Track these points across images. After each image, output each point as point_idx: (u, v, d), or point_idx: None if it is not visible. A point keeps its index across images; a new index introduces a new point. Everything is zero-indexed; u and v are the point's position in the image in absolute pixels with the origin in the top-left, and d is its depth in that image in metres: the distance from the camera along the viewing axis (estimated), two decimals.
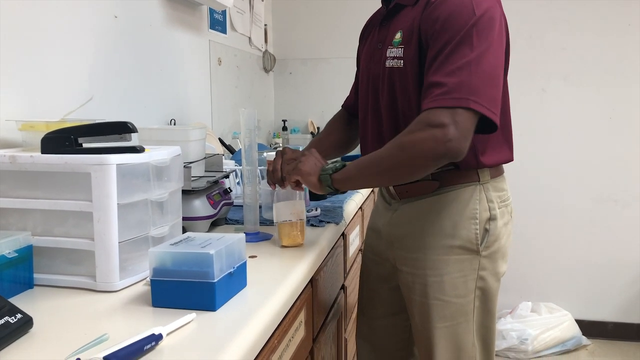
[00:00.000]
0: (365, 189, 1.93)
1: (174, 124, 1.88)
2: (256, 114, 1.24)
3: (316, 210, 1.44)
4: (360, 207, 1.84)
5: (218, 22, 2.37)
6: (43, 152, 0.93)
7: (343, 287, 1.59)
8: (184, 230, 1.14)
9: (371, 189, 2.06)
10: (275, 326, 0.85)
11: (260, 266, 1.04)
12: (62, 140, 0.93)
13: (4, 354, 0.68)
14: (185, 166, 1.20)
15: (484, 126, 1.04)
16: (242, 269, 0.90)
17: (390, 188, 1.27)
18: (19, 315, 0.73)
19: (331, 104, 2.52)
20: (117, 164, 0.88)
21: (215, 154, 1.56)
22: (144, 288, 0.91)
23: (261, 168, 1.45)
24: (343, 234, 1.52)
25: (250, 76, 2.82)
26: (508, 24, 1.15)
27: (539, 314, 2.89)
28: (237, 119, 2.37)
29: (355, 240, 1.77)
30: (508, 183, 1.26)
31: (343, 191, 1.15)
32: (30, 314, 0.75)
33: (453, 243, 1.17)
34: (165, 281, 0.82)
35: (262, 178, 1.48)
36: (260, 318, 0.80)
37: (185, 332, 0.74)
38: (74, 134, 0.94)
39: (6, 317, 0.71)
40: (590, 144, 2.91)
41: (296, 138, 3.06)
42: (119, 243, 0.90)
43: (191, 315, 0.78)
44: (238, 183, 1.64)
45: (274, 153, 1.26)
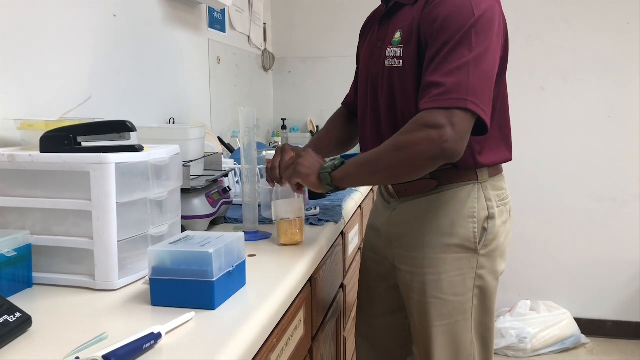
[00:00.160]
0: (364, 188, 1.93)
1: (173, 123, 1.88)
2: (255, 113, 1.24)
3: (315, 209, 1.44)
4: (360, 206, 1.84)
5: (217, 21, 2.37)
6: (42, 151, 0.93)
7: (342, 286, 1.59)
8: (183, 229, 1.14)
9: (370, 188, 2.07)
10: (274, 325, 0.86)
11: (260, 265, 1.04)
12: (61, 139, 0.93)
13: (3, 353, 0.68)
14: (184, 165, 1.20)
15: (476, 127, 1.04)
16: (241, 268, 0.90)
17: (389, 187, 1.27)
18: (17, 314, 0.73)
19: (330, 102, 2.52)
20: (116, 163, 0.88)
21: (214, 153, 1.57)
22: (143, 287, 0.91)
23: (260, 167, 1.44)
24: (342, 233, 1.52)
25: (249, 75, 2.82)
26: (507, 22, 1.15)
27: (538, 313, 2.89)
28: (236, 117, 2.38)
29: (354, 239, 1.77)
30: (507, 181, 1.27)
31: (343, 188, 1.15)
32: (29, 313, 0.75)
33: (451, 242, 1.17)
34: (165, 280, 0.82)
35: (261, 177, 1.48)
36: (259, 317, 0.80)
37: (184, 331, 0.74)
38: (73, 132, 0.94)
39: (5, 316, 0.71)
40: (589, 143, 2.92)
41: (295, 137, 3.06)
42: (118, 242, 0.90)
43: (190, 314, 0.78)
44: (237, 182, 1.64)
45: (273, 152, 1.26)
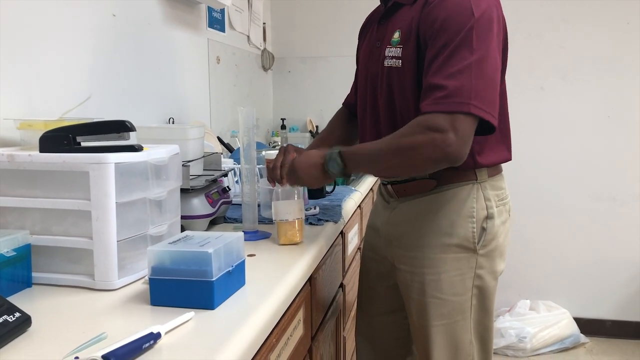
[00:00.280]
0: (364, 187, 1.93)
1: (173, 123, 1.88)
2: (255, 113, 1.24)
3: (315, 208, 1.44)
4: (359, 206, 1.84)
5: (217, 21, 2.37)
6: (41, 151, 0.93)
7: (342, 286, 1.59)
8: (183, 229, 1.14)
9: (370, 188, 2.07)
10: (274, 324, 0.86)
11: (259, 265, 1.04)
12: (61, 139, 0.93)
13: (3, 352, 0.68)
14: (183, 165, 1.20)
15: (482, 128, 1.04)
16: (241, 268, 0.90)
17: (388, 187, 1.27)
18: (17, 314, 0.73)
19: (330, 102, 2.53)
20: (116, 163, 0.88)
21: (213, 153, 1.57)
22: (142, 287, 0.91)
23: (260, 167, 1.44)
24: (342, 233, 1.52)
25: (248, 75, 2.82)
26: (507, 22, 1.15)
27: (537, 312, 2.89)
28: (236, 117, 2.37)
29: (353, 239, 1.77)
30: (506, 181, 1.27)
31: (348, 175, 1.14)
32: (28, 313, 0.75)
33: (450, 241, 1.17)
34: (164, 280, 0.82)
35: (261, 176, 1.48)
36: (259, 316, 0.80)
37: (183, 331, 0.74)
38: (72, 132, 0.94)
39: (4, 316, 0.71)
40: (589, 143, 2.92)
41: (295, 136, 3.06)
42: (118, 242, 0.90)
43: (190, 313, 0.78)
44: (237, 181, 1.64)
45: (273, 152, 1.26)
